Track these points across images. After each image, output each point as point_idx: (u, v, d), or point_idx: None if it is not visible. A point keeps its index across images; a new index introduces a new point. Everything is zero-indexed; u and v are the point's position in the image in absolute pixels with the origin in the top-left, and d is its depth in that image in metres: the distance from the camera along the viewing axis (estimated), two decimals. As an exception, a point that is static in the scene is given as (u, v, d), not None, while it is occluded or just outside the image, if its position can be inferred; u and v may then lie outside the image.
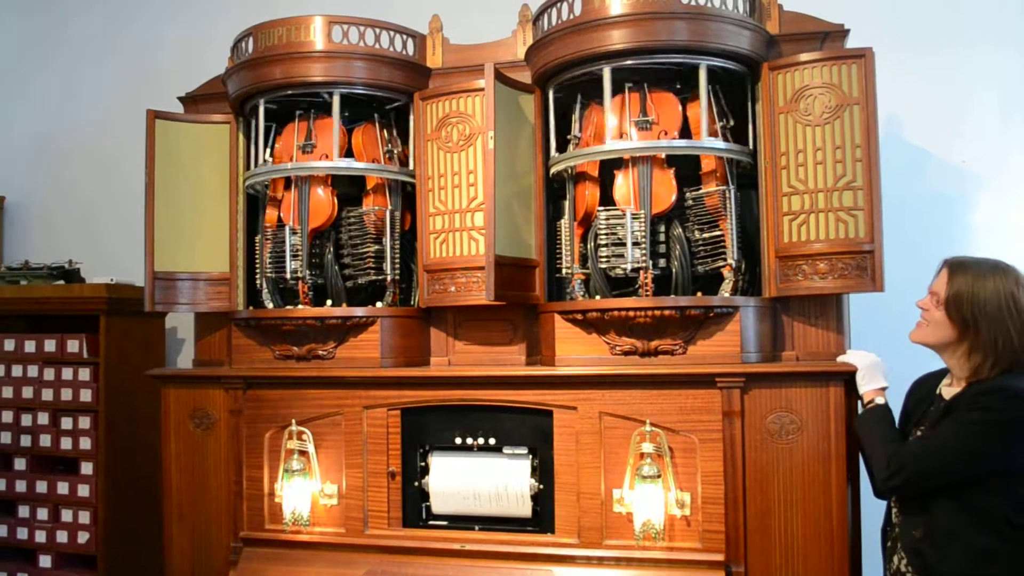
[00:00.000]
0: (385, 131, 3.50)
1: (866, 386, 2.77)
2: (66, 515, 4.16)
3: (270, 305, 3.46)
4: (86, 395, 4.14)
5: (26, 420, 4.24)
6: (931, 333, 2.58)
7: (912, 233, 3.59)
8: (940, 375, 2.71)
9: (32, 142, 5.10)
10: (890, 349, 2.91)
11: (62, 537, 4.15)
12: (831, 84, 2.96)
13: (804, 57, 3.01)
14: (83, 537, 4.11)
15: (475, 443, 3.20)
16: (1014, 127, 3.75)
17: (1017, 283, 2.46)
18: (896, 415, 2.74)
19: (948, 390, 2.60)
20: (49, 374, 4.22)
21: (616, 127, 3.14)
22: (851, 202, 2.93)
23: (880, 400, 2.73)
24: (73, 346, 4.20)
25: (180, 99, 3.76)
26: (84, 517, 4.13)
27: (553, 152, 3.27)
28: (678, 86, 3.20)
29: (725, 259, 3.07)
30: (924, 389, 2.73)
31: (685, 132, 3.13)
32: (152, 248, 3.45)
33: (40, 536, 4.19)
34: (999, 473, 2.42)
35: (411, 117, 3.45)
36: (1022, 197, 3.73)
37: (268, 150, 3.53)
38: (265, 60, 3.35)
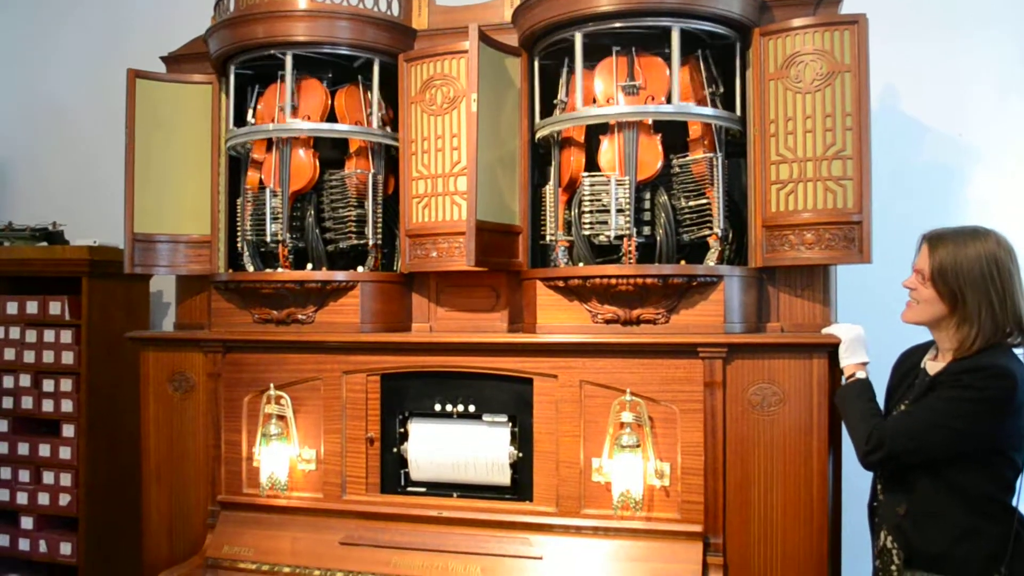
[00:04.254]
0: (369, 93, 3.44)
1: (848, 360, 2.73)
2: (48, 477, 4.15)
3: (250, 268, 3.42)
4: (68, 357, 4.11)
5: (8, 382, 4.22)
6: (922, 311, 2.53)
7: (907, 206, 3.54)
8: (925, 348, 2.68)
9: (16, 104, 5.04)
10: (877, 322, 2.87)
11: (44, 499, 4.13)
12: (823, 51, 2.90)
13: (796, 23, 2.94)
14: (64, 499, 4.10)
15: (455, 410, 3.17)
16: (1012, 99, 3.68)
17: (998, 243, 2.44)
18: (881, 389, 2.71)
19: (932, 365, 2.56)
20: (31, 336, 4.19)
21: (603, 92, 3.09)
22: (840, 172, 2.87)
23: (861, 374, 2.70)
24: (55, 308, 4.16)
25: (162, 59, 3.70)
26: (66, 479, 4.11)
27: (539, 117, 3.21)
28: (667, 51, 3.13)
29: (711, 228, 3.02)
30: (909, 363, 2.70)
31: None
32: (132, 209, 3.42)
33: (22, 498, 4.17)
34: (980, 451, 2.39)
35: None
36: (1019, 171, 3.66)
37: (250, 111, 3.47)
38: (247, 19, 3.28)
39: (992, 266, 2.40)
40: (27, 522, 4.19)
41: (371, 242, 3.36)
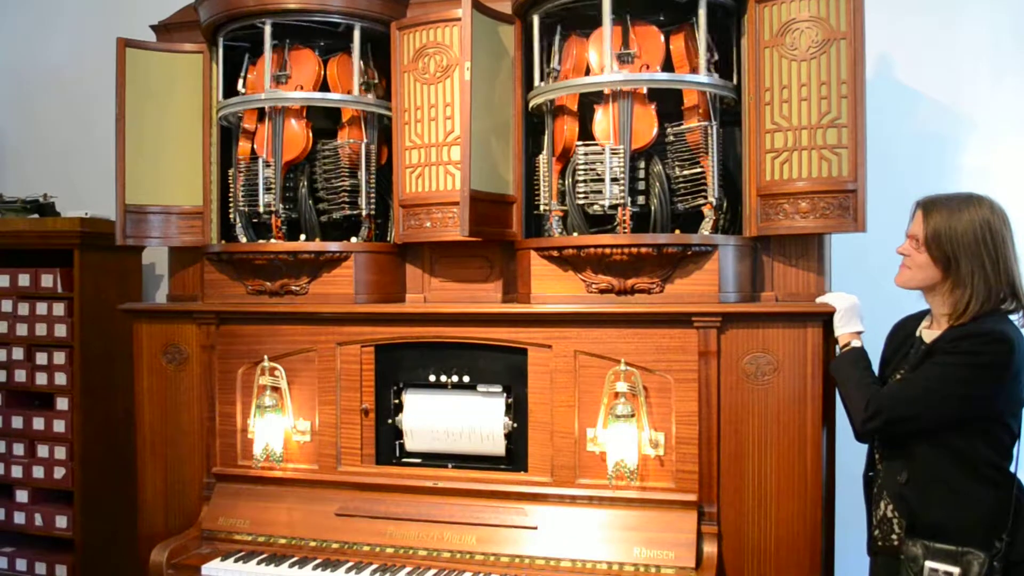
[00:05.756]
0: (361, 62, 3.40)
1: (843, 328, 2.73)
2: (42, 450, 4.14)
3: (243, 239, 3.40)
4: (61, 330, 4.09)
5: (0, 355, 4.19)
6: (915, 275, 2.53)
7: (902, 175, 3.52)
8: (919, 317, 2.67)
9: (4, 75, 4.98)
10: (872, 292, 2.87)
11: (38, 472, 4.13)
12: (818, 18, 2.87)
13: (792, -11, 2.92)
14: (59, 472, 4.10)
15: (449, 381, 3.17)
16: (1008, 67, 3.66)
17: (992, 209, 2.44)
18: (875, 359, 2.71)
19: (928, 332, 2.56)
20: (23, 309, 4.16)
21: (597, 60, 3.06)
22: (835, 140, 2.85)
23: (856, 343, 2.70)
24: (47, 280, 4.14)
25: (152, 27, 3.66)
26: (60, 452, 4.10)
27: (535, 84, 3.18)
28: (661, 18, 3.11)
29: (706, 197, 3.00)
30: (904, 332, 2.70)
31: (667, 66, 3.05)
32: (123, 180, 3.39)
33: (16, 471, 4.17)
34: (979, 417, 2.39)
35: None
36: (1014, 139, 3.64)
37: (241, 80, 3.44)
38: (237, -14, 3.24)
39: (985, 231, 2.40)
40: (22, 496, 4.18)
41: (364, 212, 3.34)
